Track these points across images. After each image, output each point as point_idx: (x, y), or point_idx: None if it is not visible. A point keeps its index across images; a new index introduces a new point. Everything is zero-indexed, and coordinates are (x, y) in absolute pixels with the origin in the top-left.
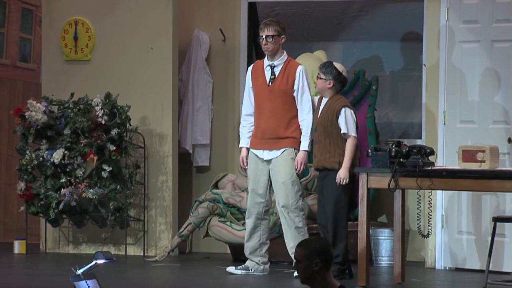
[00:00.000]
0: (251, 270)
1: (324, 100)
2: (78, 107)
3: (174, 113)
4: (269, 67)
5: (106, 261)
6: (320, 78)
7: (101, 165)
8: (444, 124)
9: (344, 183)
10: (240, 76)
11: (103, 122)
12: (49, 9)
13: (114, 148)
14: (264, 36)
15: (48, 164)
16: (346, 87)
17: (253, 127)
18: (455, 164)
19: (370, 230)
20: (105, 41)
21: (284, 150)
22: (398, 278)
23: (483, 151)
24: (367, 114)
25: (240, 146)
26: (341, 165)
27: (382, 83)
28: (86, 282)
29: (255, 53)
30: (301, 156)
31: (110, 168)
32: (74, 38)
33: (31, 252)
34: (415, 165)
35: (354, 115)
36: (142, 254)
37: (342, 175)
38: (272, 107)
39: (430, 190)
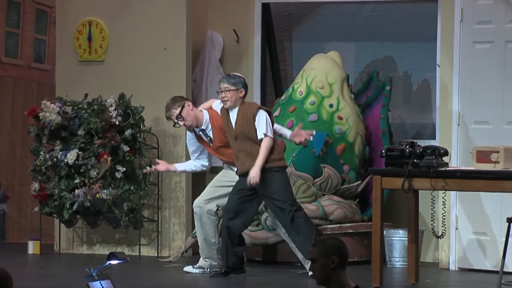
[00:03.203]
0: (207, 269)
1: (234, 111)
2: (92, 108)
3: None
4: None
5: (119, 261)
6: (230, 90)
7: (115, 166)
8: (458, 124)
9: (254, 182)
10: (254, 76)
11: (117, 123)
12: (63, 10)
13: (128, 148)
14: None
15: (62, 164)
16: (360, 87)
17: None
18: (469, 165)
19: (384, 231)
20: (119, 42)
21: None
22: (412, 279)
23: (497, 152)
24: (381, 115)
25: None
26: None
27: (396, 84)
28: (100, 282)
29: (268, 53)
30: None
31: (124, 169)
32: (88, 39)
33: (45, 253)
34: (429, 166)
35: (268, 115)
36: (156, 254)
37: (254, 174)
38: None
39: (444, 191)
